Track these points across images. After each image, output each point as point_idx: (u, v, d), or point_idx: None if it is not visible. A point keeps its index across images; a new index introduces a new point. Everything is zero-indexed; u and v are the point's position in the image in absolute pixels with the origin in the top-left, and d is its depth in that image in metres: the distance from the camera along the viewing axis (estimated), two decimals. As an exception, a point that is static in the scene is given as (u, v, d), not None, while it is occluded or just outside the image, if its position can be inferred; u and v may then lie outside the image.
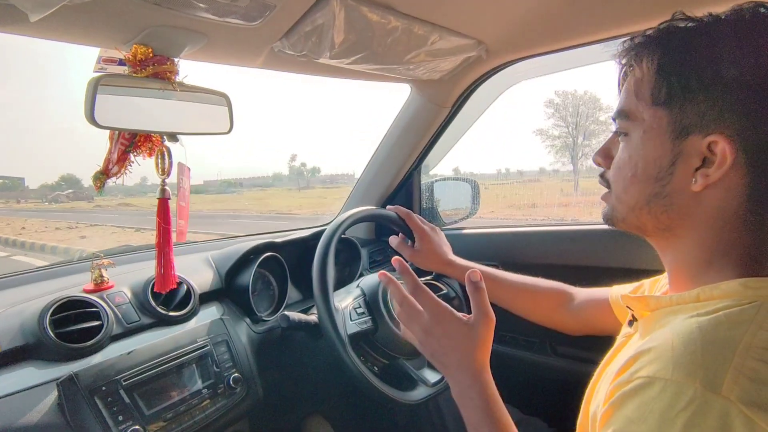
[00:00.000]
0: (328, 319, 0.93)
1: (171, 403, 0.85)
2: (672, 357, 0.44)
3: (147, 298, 0.93)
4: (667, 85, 0.53)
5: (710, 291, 0.51)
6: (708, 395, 0.41)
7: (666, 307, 0.56)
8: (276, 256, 1.16)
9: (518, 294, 1.02)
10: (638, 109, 0.56)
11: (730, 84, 0.49)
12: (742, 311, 0.47)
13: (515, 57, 1.13)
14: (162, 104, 0.78)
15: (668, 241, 0.58)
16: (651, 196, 0.56)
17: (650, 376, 0.45)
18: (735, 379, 0.41)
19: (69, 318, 0.83)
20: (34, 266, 1.09)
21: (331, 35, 0.85)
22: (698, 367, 0.43)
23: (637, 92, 0.56)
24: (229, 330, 1.00)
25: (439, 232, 1.11)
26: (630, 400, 0.45)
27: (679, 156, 0.53)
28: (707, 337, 0.45)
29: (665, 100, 0.53)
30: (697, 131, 0.51)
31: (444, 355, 0.72)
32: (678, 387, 0.42)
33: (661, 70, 0.54)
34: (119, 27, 0.72)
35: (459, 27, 0.95)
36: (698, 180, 0.52)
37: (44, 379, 0.75)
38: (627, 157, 0.58)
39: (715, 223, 0.53)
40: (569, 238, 1.27)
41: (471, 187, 1.58)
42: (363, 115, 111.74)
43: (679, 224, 0.56)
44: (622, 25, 0.93)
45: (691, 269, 0.56)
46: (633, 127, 0.57)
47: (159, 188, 0.82)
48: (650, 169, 0.55)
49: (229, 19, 0.73)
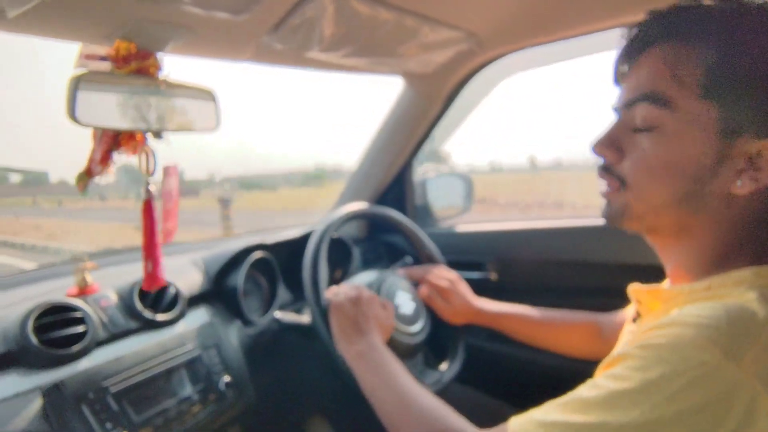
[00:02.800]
0: (322, 321, 0.92)
1: (161, 410, 0.82)
2: (696, 325, 0.43)
3: (133, 302, 0.90)
4: (728, 76, 0.47)
5: (722, 280, 0.50)
6: (725, 363, 0.40)
7: (677, 297, 0.53)
8: (266, 256, 1.14)
9: (549, 331, 1.00)
10: (680, 97, 0.49)
11: None
12: (765, 296, 0.45)
13: (508, 49, 1.12)
14: (146, 101, 0.76)
15: (678, 240, 0.55)
16: (684, 197, 0.51)
17: (671, 335, 0.43)
18: (757, 358, 0.41)
19: (53, 323, 0.80)
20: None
21: (321, 28, 0.84)
22: (722, 335, 0.41)
23: (680, 76, 0.49)
24: (219, 333, 0.98)
25: (459, 282, 1.10)
26: (642, 351, 0.44)
27: (725, 156, 0.48)
28: (733, 315, 0.43)
29: (721, 93, 0.47)
30: (751, 132, 0.47)
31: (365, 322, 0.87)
32: (697, 348, 0.41)
33: (725, 58, 0.47)
34: (100, 21, 0.69)
35: (450, 19, 0.93)
36: (745, 183, 0.48)
37: (28, 387, 0.73)
38: (660, 151, 0.51)
39: (739, 223, 0.51)
40: (564, 235, 1.26)
41: (465, 183, 1.57)
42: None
43: (699, 225, 0.52)
44: (618, 15, 0.92)
45: (700, 265, 0.54)
46: (669, 116, 0.50)
47: (143, 188, 0.80)
48: (690, 167, 0.50)
49: (215, 12, 0.71)
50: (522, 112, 42.03)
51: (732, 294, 0.47)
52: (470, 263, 1.34)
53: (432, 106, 1.32)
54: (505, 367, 1.31)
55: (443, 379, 1.04)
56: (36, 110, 57.45)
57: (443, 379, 1.04)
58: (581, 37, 1.02)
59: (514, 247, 1.34)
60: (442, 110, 1.34)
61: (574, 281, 1.22)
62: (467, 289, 1.09)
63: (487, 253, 1.36)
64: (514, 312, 1.03)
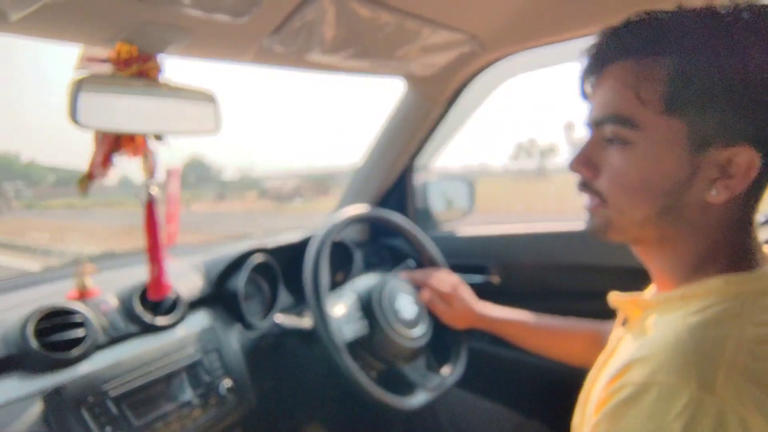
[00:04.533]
0: (323, 323, 0.91)
1: (161, 414, 0.82)
2: (665, 360, 0.44)
3: (133, 306, 0.90)
4: (687, 91, 0.47)
5: (695, 289, 0.51)
6: (703, 396, 0.40)
7: (654, 306, 0.55)
8: (267, 260, 1.14)
9: (550, 339, 1.00)
10: (644, 116, 0.49)
11: (757, 88, 0.46)
12: (727, 309, 0.47)
13: (510, 51, 1.11)
14: (147, 104, 0.76)
15: (660, 249, 0.56)
16: (662, 211, 0.52)
17: (645, 382, 0.44)
18: (727, 376, 0.41)
19: (53, 327, 0.80)
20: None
21: (321, 31, 0.84)
22: (691, 367, 0.42)
23: (641, 96, 0.49)
24: (219, 337, 0.98)
25: (461, 286, 1.10)
26: (625, 411, 0.44)
27: (698, 169, 0.49)
28: (697, 337, 0.45)
29: (684, 109, 0.48)
30: (719, 142, 0.48)
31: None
32: (673, 390, 0.42)
33: (683, 71, 0.47)
34: (102, 24, 0.70)
35: (452, 21, 0.93)
36: (720, 192, 0.48)
37: (28, 391, 0.73)
38: (632, 169, 0.52)
39: (716, 230, 0.52)
40: (567, 238, 1.25)
41: (466, 186, 1.56)
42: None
43: (679, 235, 0.53)
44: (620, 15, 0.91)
45: (680, 272, 0.55)
46: (637, 136, 0.50)
47: (144, 191, 0.80)
48: (664, 183, 0.50)
49: (216, 15, 0.71)
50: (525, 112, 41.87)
51: (703, 304, 0.48)
52: (472, 267, 1.34)
53: (434, 109, 1.32)
54: (507, 372, 1.31)
55: (445, 384, 1.03)
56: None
57: (445, 383, 1.03)
58: (583, 38, 1.01)
59: (516, 250, 1.34)
60: (444, 112, 1.34)
61: (576, 285, 1.21)
62: (469, 294, 1.09)
63: (489, 256, 1.36)
64: (516, 318, 1.03)
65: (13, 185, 23.40)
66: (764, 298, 0.48)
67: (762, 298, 0.47)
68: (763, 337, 0.44)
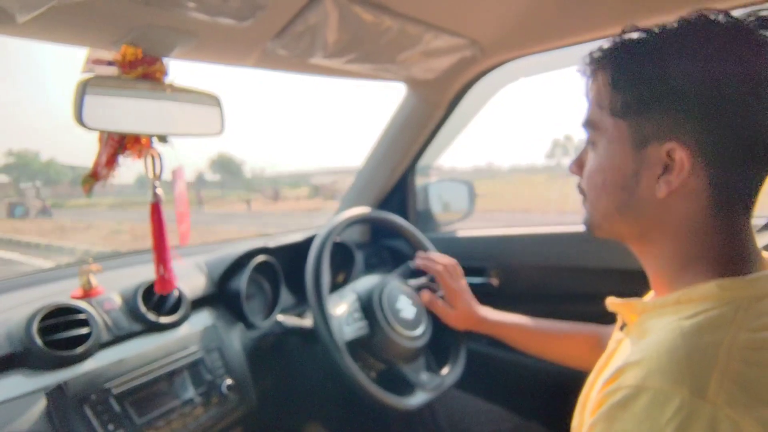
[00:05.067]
0: (323, 323, 0.92)
1: (163, 412, 0.83)
2: (658, 365, 0.45)
3: (137, 304, 0.91)
4: (622, 98, 0.54)
5: (689, 294, 0.52)
6: (696, 401, 0.41)
7: (650, 311, 0.57)
8: (269, 260, 1.15)
9: (550, 343, 1.01)
10: (601, 119, 0.57)
11: (680, 94, 0.50)
12: (721, 314, 0.48)
13: (510, 56, 1.12)
14: (151, 105, 0.77)
15: (645, 247, 0.60)
16: (620, 205, 0.58)
17: (638, 386, 0.45)
18: (720, 382, 0.42)
19: (57, 325, 0.81)
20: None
21: (324, 35, 0.85)
22: (684, 373, 0.43)
23: (599, 103, 0.57)
24: (221, 336, 0.99)
25: (466, 289, 1.11)
26: (619, 413, 0.45)
27: (641, 165, 0.54)
28: (690, 342, 0.46)
29: (622, 112, 0.55)
30: (655, 140, 0.53)
31: None
32: (666, 395, 0.42)
33: (615, 83, 0.55)
34: (108, 27, 0.71)
35: (453, 26, 0.94)
36: (661, 187, 0.53)
37: (32, 388, 0.73)
38: (596, 165, 0.59)
39: (684, 228, 0.54)
40: (567, 240, 1.26)
41: (466, 189, 1.57)
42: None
43: (651, 231, 0.57)
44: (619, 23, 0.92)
45: (669, 273, 0.57)
46: (599, 136, 0.58)
47: (150, 192, 0.81)
48: (616, 178, 0.57)
49: (220, 19, 0.72)
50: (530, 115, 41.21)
51: (697, 309, 0.50)
52: (472, 268, 1.34)
53: (434, 112, 1.33)
54: (506, 373, 1.31)
55: (444, 384, 1.04)
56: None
57: (444, 383, 1.04)
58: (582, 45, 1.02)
59: (516, 252, 1.34)
60: (445, 116, 1.35)
61: (576, 287, 1.22)
62: (471, 297, 1.10)
63: (488, 258, 1.36)
64: (516, 322, 1.04)
65: (33, 184, 23.22)
66: (758, 303, 0.48)
67: (756, 304, 0.48)
68: (757, 343, 0.45)
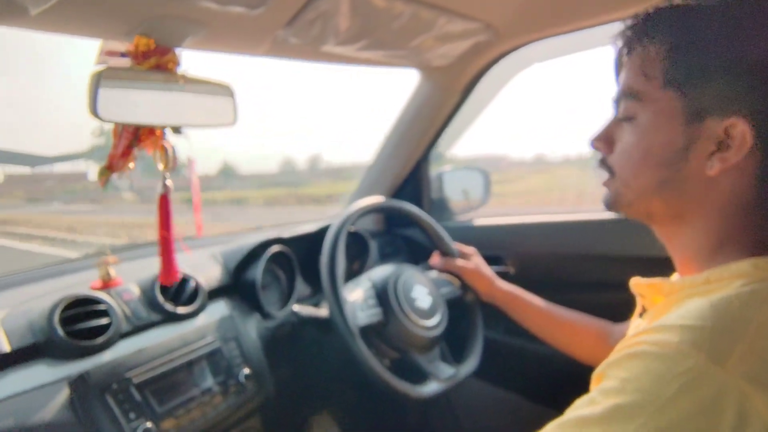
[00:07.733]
0: (338, 312, 0.92)
1: (182, 400, 0.84)
2: (681, 329, 0.44)
3: (155, 295, 0.92)
4: (684, 66, 0.51)
5: (720, 272, 0.51)
6: (710, 367, 0.41)
7: (678, 291, 0.55)
8: (284, 250, 1.15)
9: (557, 327, 1.01)
10: (648, 90, 0.54)
11: (751, 65, 0.48)
12: (755, 291, 0.46)
13: (526, 40, 1.10)
14: (165, 96, 0.77)
15: (677, 228, 0.57)
16: (662, 182, 0.54)
17: (656, 342, 0.44)
18: (743, 356, 0.41)
19: (78, 316, 0.82)
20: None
21: (336, 22, 0.84)
22: (706, 340, 0.42)
23: (646, 72, 0.54)
24: (238, 326, 0.99)
25: (482, 264, 1.14)
26: (631, 362, 0.45)
27: (693, 140, 0.52)
28: (719, 313, 0.45)
29: (680, 82, 0.51)
30: (714, 114, 0.50)
31: None
32: (682, 354, 0.42)
33: (677, 49, 0.51)
34: (120, 18, 0.70)
35: (466, 10, 0.92)
36: (715, 164, 0.51)
37: (55, 378, 0.75)
38: (636, 140, 0.56)
39: (727, 208, 0.52)
40: (583, 228, 1.24)
41: (482, 177, 1.56)
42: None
43: (690, 210, 0.54)
44: (637, 2, 0.90)
45: (702, 254, 0.55)
46: (641, 108, 0.55)
47: (160, 183, 0.81)
48: (662, 153, 0.54)
49: (231, 7, 0.71)
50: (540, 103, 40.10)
51: (729, 287, 0.48)
52: (488, 257, 1.33)
53: (449, 99, 1.31)
54: (523, 362, 1.30)
55: (459, 374, 1.03)
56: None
57: (459, 374, 1.04)
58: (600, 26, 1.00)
59: (532, 240, 1.33)
60: (459, 103, 1.33)
61: (593, 275, 1.20)
62: (489, 269, 1.13)
63: (504, 246, 1.35)
64: (528, 298, 1.04)
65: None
66: None
67: None
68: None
